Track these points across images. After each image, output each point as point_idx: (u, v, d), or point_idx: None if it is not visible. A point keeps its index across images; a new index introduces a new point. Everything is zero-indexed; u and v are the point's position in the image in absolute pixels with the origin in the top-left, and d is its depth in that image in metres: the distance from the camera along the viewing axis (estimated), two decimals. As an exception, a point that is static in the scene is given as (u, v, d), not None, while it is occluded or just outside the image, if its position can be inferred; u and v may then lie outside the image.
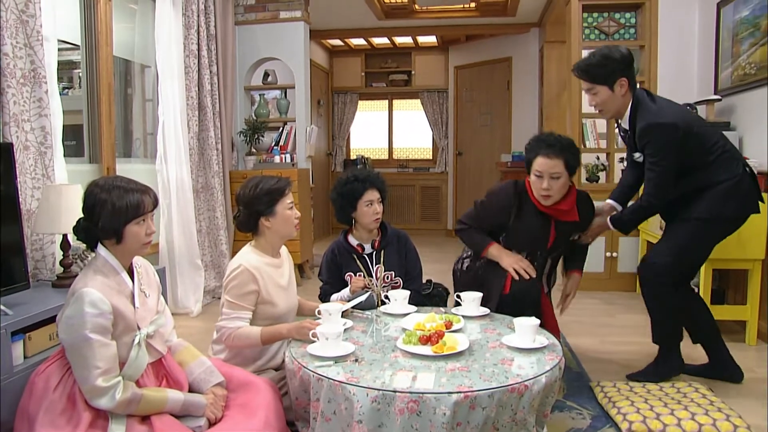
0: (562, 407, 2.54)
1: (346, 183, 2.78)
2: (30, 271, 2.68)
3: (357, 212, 2.76)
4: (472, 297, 2.52)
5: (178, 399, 1.83)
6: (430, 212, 8.42)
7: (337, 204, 2.82)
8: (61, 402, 1.69)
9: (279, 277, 2.40)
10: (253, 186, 2.34)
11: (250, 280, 2.27)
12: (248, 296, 2.27)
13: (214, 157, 4.65)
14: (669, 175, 2.66)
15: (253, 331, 2.23)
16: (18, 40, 2.70)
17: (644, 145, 2.68)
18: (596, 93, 2.73)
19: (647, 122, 2.63)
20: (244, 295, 2.26)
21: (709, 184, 2.68)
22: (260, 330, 2.24)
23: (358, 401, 1.74)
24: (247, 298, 2.27)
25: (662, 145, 2.61)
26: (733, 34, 3.96)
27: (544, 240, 2.81)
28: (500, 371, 1.88)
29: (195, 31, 4.43)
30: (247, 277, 2.26)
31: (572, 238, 2.92)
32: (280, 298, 2.37)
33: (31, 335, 2.22)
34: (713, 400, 2.47)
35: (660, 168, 2.64)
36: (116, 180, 1.84)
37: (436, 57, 8.30)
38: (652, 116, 2.63)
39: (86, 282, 1.72)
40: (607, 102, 2.73)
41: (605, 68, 2.67)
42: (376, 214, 2.76)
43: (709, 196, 2.68)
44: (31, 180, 2.78)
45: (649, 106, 2.68)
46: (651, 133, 2.62)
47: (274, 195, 2.33)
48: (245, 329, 2.24)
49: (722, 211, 2.70)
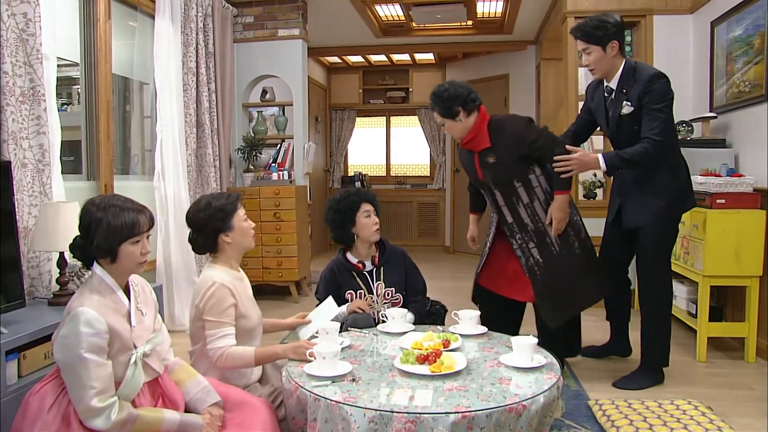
0: (560, 426, 2.53)
1: (342, 199, 2.83)
2: (26, 288, 2.67)
3: (357, 226, 2.78)
4: (469, 315, 2.51)
5: (175, 419, 1.81)
6: (428, 229, 8.42)
7: (336, 222, 2.82)
8: (56, 422, 1.67)
9: (244, 290, 2.36)
10: (205, 205, 2.30)
11: (228, 294, 2.22)
12: (229, 311, 2.21)
13: (212, 174, 4.65)
14: (671, 123, 2.91)
15: (246, 352, 2.19)
16: (18, 59, 2.72)
17: (648, 92, 2.86)
18: (590, 53, 2.97)
19: (655, 72, 2.90)
20: (224, 311, 2.20)
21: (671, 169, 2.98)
22: (254, 350, 2.19)
23: (355, 421, 1.72)
24: (228, 313, 2.21)
25: (665, 93, 2.87)
26: (728, 52, 4.00)
27: (476, 174, 3.02)
28: (498, 391, 1.87)
29: (194, 48, 4.46)
30: (224, 291, 2.22)
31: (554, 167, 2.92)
32: (250, 310, 2.34)
33: (26, 354, 2.20)
34: (713, 418, 2.46)
35: (664, 115, 2.86)
36: (113, 198, 1.83)
37: (433, 74, 8.35)
38: (653, 70, 2.93)
39: (82, 301, 1.71)
40: (599, 61, 2.97)
41: (600, 30, 2.92)
42: (376, 224, 2.81)
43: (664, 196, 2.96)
44: (29, 197, 2.78)
45: (645, 64, 3.05)
46: (658, 82, 2.86)
47: (227, 210, 2.30)
48: (238, 349, 2.18)
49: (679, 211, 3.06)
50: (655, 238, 3.00)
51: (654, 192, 2.97)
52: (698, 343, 3.45)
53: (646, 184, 2.99)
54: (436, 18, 6.16)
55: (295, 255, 5.05)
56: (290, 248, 5.05)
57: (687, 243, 3.58)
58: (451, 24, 6.55)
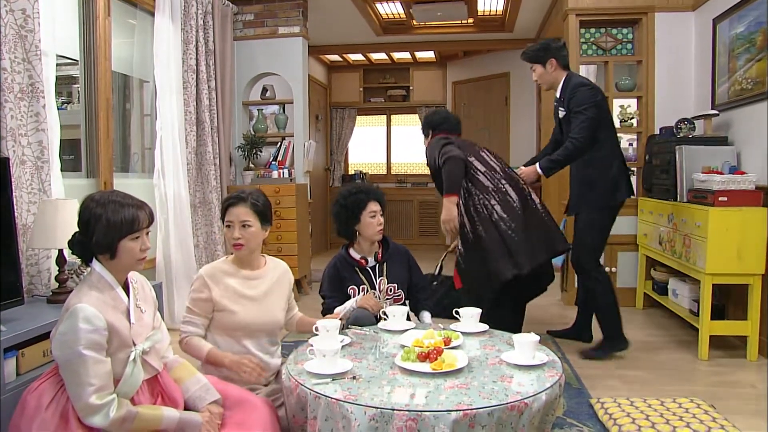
0: (562, 425, 2.51)
1: (350, 195, 2.82)
2: (25, 286, 2.66)
3: (361, 224, 2.79)
4: (470, 313, 2.49)
5: (174, 417, 1.80)
6: (429, 227, 8.41)
7: (341, 217, 2.82)
8: (54, 420, 1.65)
9: (247, 288, 2.35)
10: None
11: (203, 287, 2.29)
12: (200, 303, 2.29)
13: (212, 172, 4.64)
14: (593, 122, 3.34)
15: (203, 348, 2.25)
16: (16, 55, 2.70)
17: (572, 98, 3.40)
18: (534, 70, 3.59)
19: (579, 81, 3.46)
20: (196, 301, 2.30)
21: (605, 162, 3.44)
22: (209, 350, 2.25)
23: (355, 419, 1.71)
24: (199, 305, 2.29)
25: (587, 98, 3.36)
26: (730, 49, 3.98)
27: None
28: (500, 388, 1.85)
29: (194, 46, 4.44)
30: (200, 284, 2.30)
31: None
32: (241, 307, 2.31)
33: (25, 352, 2.18)
34: (716, 416, 2.45)
35: (584, 116, 3.34)
36: (112, 195, 1.82)
37: (434, 72, 8.34)
38: (580, 80, 3.49)
39: (80, 297, 1.70)
40: (541, 76, 3.58)
41: (540, 51, 3.54)
42: (380, 225, 2.82)
43: (602, 187, 3.43)
44: (27, 195, 2.76)
45: (579, 77, 3.56)
46: (580, 90, 3.39)
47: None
48: (198, 342, 2.26)
49: (612, 199, 3.46)
50: (587, 224, 3.49)
51: (587, 184, 3.48)
52: (700, 341, 3.44)
53: (581, 177, 3.52)
54: (437, 16, 6.15)
55: (295, 253, 5.03)
56: (291, 247, 5.03)
57: (689, 241, 3.57)
58: (451, 22, 6.54)
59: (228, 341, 2.32)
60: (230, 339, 2.32)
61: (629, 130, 4.82)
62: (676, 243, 3.77)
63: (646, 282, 4.55)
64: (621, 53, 4.84)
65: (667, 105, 4.64)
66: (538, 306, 4.66)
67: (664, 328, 4.09)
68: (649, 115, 4.70)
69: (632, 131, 4.82)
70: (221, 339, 2.31)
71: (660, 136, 4.42)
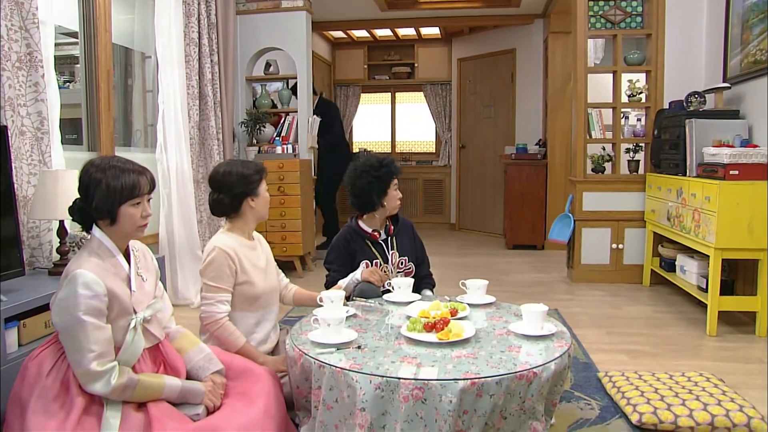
0: (569, 398, 2.49)
1: (381, 166, 2.73)
2: (26, 259, 2.63)
3: (387, 196, 2.74)
4: (477, 285, 2.46)
5: (176, 386, 1.78)
6: (433, 206, 8.36)
7: (372, 188, 2.72)
8: (54, 387, 1.63)
9: (255, 259, 2.38)
10: (237, 168, 2.34)
11: (227, 260, 2.25)
12: (225, 277, 2.25)
13: (215, 147, 4.59)
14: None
15: (239, 338, 2.25)
16: (13, 23, 2.64)
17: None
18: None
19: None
20: (220, 276, 2.25)
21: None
22: (244, 342, 2.25)
23: (361, 388, 1.68)
24: (225, 279, 2.25)
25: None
26: (743, 20, 3.88)
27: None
28: (508, 358, 1.82)
29: (195, 19, 4.37)
30: (222, 257, 2.25)
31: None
32: (258, 277, 2.34)
33: (26, 322, 2.17)
34: (725, 389, 2.41)
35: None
36: (113, 160, 1.78)
37: (439, 49, 8.21)
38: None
39: (80, 264, 1.66)
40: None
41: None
42: (401, 197, 2.82)
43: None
44: (27, 166, 2.72)
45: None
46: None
47: (257, 176, 2.36)
48: (233, 330, 2.24)
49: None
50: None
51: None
52: (709, 317, 3.40)
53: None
54: (443, -10, 6.04)
55: (299, 230, 5.00)
56: (294, 222, 5.00)
57: (698, 216, 3.51)
58: (457, -4, 6.42)
59: (244, 316, 2.32)
60: (246, 313, 2.32)
61: (637, 105, 4.74)
62: (685, 218, 3.72)
63: (653, 259, 4.51)
64: (630, 26, 4.73)
65: (676, 79, 4.55)
66: (543, 283, 4.65)
67: (671, 305, 4.05)
68: (658, 89, 4.61)
69: (641, 106, 4.74)
70: (237, 314, 2.31)
71: (669, 110, 4.34)
